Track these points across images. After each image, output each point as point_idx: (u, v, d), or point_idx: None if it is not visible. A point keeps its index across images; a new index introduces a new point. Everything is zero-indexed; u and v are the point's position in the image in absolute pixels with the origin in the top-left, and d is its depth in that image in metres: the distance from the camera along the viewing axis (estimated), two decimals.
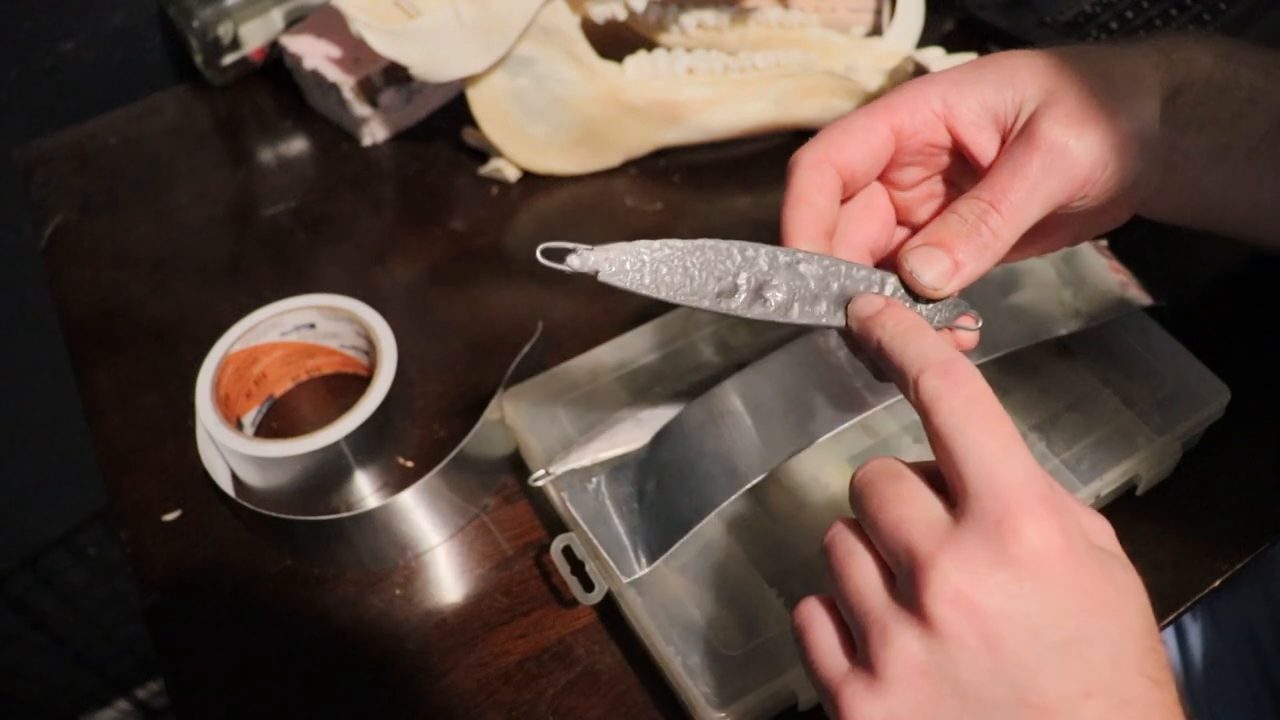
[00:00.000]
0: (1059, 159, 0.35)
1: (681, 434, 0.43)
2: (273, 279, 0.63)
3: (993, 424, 0.30)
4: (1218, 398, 0.48)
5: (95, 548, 1.04)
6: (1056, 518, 0.28)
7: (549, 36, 0.60)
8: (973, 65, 0.38)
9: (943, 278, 0.35)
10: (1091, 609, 0.28)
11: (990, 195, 0.35)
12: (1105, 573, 0.29)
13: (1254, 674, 0.56)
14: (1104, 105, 0.36)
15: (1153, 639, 0.29)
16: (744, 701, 0.40)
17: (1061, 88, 0.36)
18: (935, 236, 0.35)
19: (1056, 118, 0.35)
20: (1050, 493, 0.29)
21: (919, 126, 0.37)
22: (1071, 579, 0.28)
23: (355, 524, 0.48)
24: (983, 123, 0.37)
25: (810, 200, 0.36)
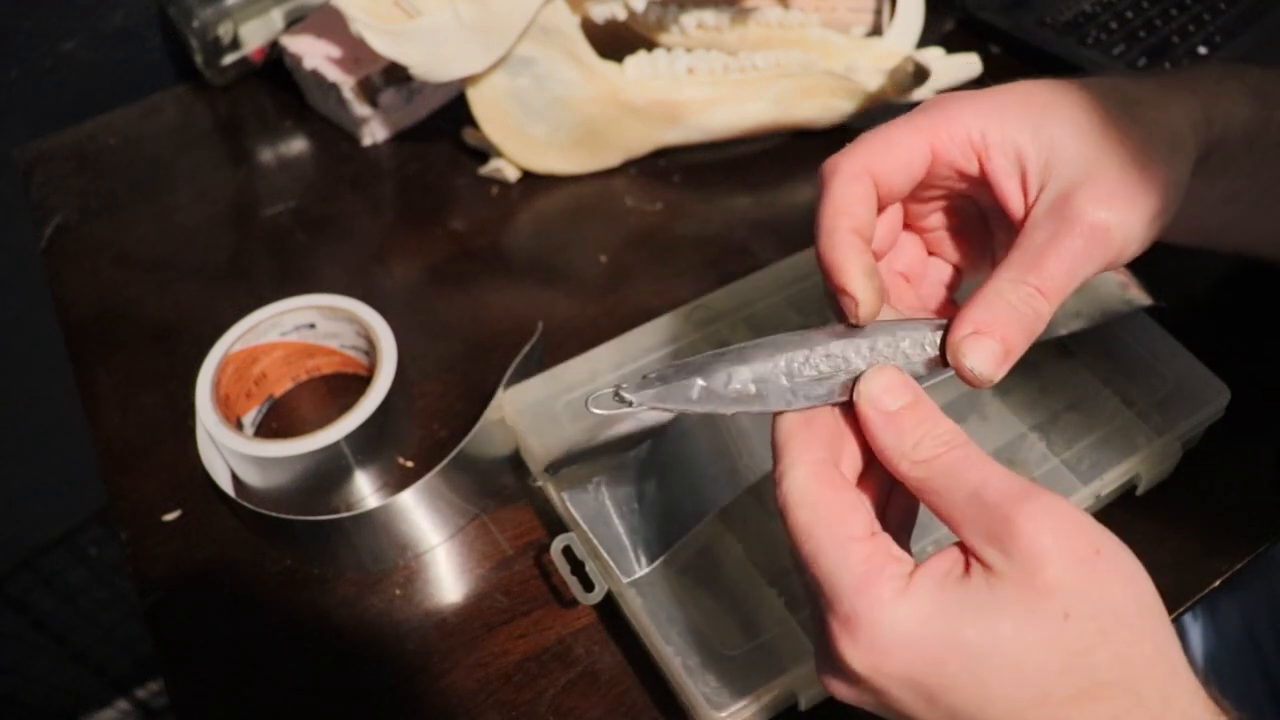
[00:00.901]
0: (1102, 240, 0.34)
1: (681, 434, 0.43)
2: (273, 279, 0.63)
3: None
4: (1218, 398, 0.48)
5: (95, 548, 1.04)
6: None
7: (549, 36, 0.60)
8: (1012, 98, 0.36)
9: (995, 366, 0.33)
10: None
11: (1036, 279, 0.34)
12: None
13: (1254, 674, 0.56)
14: (1143, 179, 0.35)
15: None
16: (744, 701, 0.40)
17: (1102, 158, 0.35)
18: (986, 323, 0.33)
19: (1097, 197, 0.34)
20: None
21: (954, 153, 0.36)
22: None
23: (355, 524, 0.48)
24: (1011, 170, 0.35)
25: (852, 212, 0.34)
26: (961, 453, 0.30)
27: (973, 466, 0.30)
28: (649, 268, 0.62)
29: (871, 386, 0.32)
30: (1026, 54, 0.73)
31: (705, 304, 0.53)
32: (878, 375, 0.32)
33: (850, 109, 0.67)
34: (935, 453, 0.30)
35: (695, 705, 0.41)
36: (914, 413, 0.32)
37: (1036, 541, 0.28)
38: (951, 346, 0.34)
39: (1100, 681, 0.28)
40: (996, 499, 0.29)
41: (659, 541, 0.42)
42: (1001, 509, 0.28)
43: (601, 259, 0.63)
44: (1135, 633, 0.28)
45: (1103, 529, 0.29)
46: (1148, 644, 0.28)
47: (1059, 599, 0.28)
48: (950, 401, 0.51)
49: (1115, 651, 0.28)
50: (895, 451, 0.31)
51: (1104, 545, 0.29)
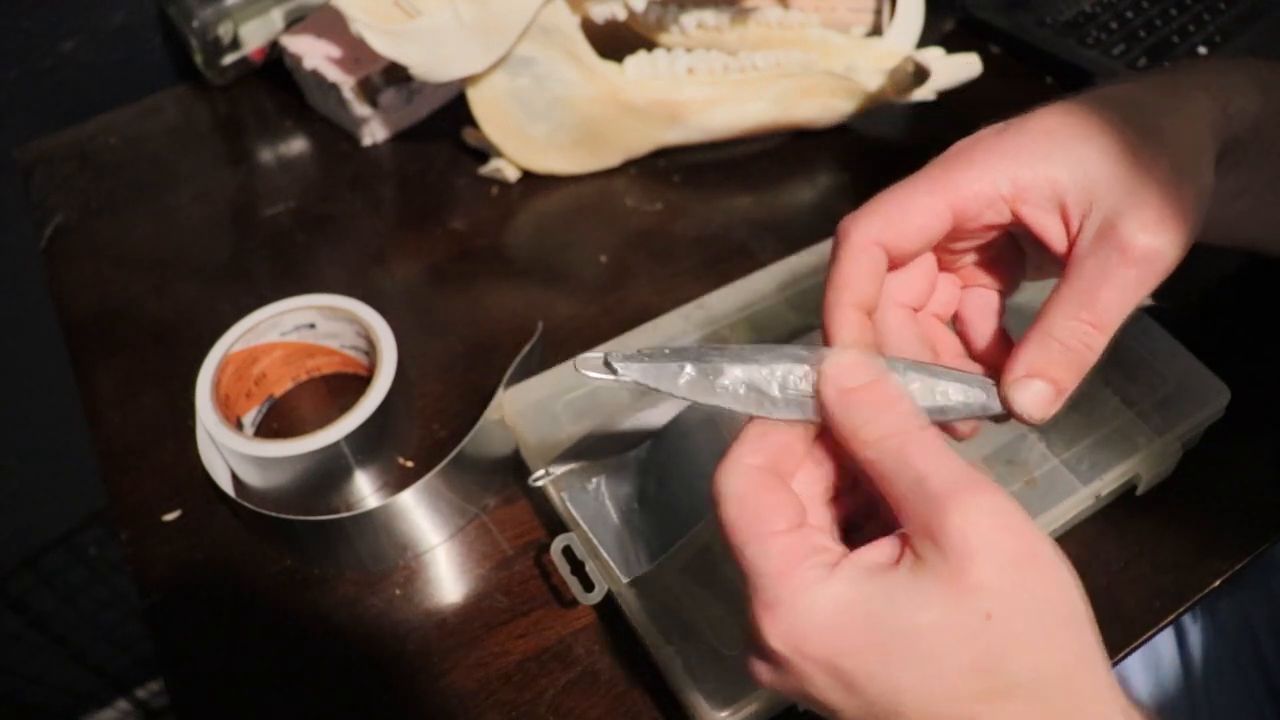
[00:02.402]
0: (1155, 265, 0.34)
1: (681, 434, 0.43)
2: (273, 279, 0.63)
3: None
4: (1218, 398, 0.48)
5: (95, 548, 1.04)
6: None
7: (549, 36, 0.60)
8: (1037, 135, 0.35)
9: (1047, 407, 0.34)
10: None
11: (1090, 315, 0.34)
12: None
13: (1254, 674, 0.56)
14: (1181, 197, 0.34)
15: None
16: (744, 701, 0.40)
17: (1138, 182, 0.34)
18: (1039, 367, 0.34)
19: (1145, 224, 0.33)
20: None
21: (983, 210, 0.35)
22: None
23: (355, 524, 0.48)
24: (1049, 207, 0.35)
25: (854, 287, 0.35)
26: (914, 437, 0.30)
27: (922, 454, 0.30)
28: (649, 268, 0.62)
29: (832, 363, 0.32)
30: (1026, 54, 0.73)
31: (705, 304, 0.53)
32: (840, 353, 0.33)
33: (850, 109, 0.67)
34: (886, 433, 0.31)
35: (695, 705, 0.41)
36: (870, 392, 0.32)
37: (967, 539, 0.28)
38: (1003, 389, 0.34)
39: (1013, 684, 0.28)
40: (937, 490, 0.29)
41: (659, 541, 0.42)
42: (939, 501, 0.29)
43: (601, 259, 0.63)
44: (1055, 641, 0.28)
45: (1041, 533, 0.29)
46: (1068, 653, 0.29)
47: (983, 599, 0.28)
48: None
49: (1032, 658, 0.28)
50: (847, 429, 0.31)
51: (1038, 550, 0.29)
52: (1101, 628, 0.45)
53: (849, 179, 0.67)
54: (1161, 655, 0.59)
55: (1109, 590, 0.47)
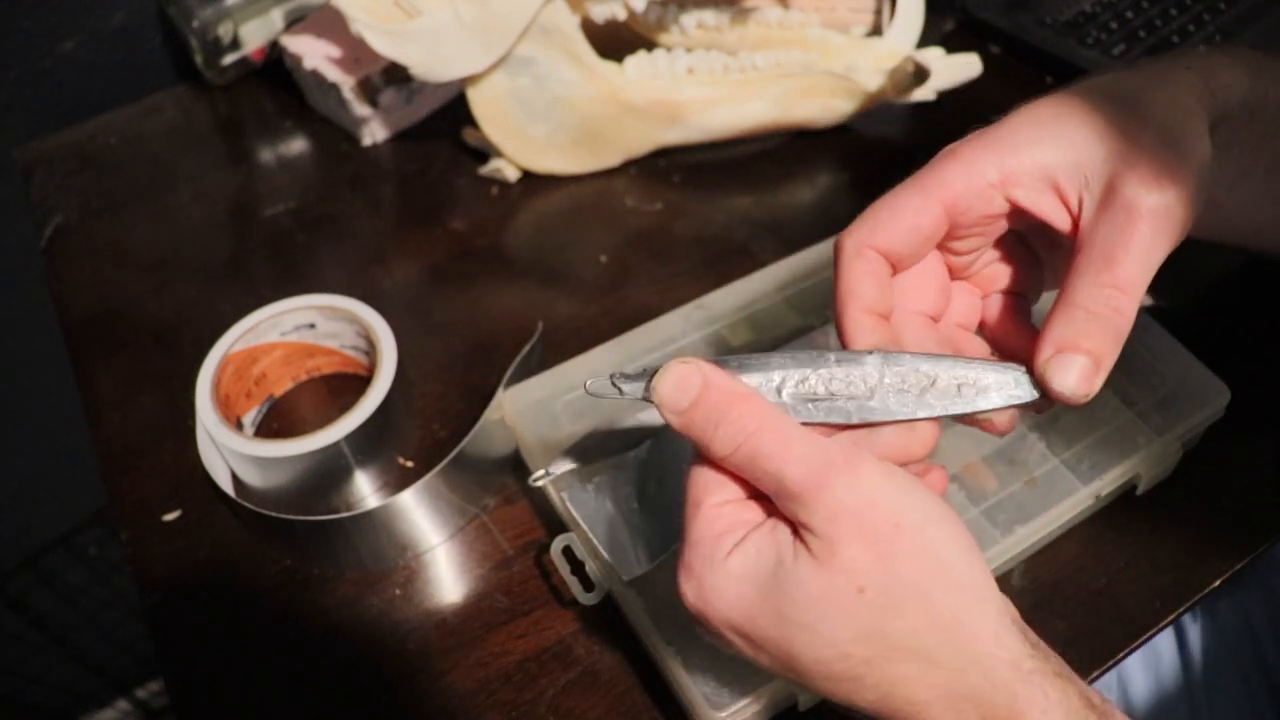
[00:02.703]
0: (1163, 221, 0.33)
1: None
2: (273, 279, 0.63)
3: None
4: (1218, 398, 0.48)
5: (95, 548, 1.04)
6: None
7: (549, 36, 0.60)
8: (1021, 125, 0.36)
9: (1087, 380, 0.33)
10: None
11: (1112, 278, 0.33)
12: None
13: (1254, 674, 0.56)
14: (1176, 156, 0.34)
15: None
16: (744, 701, 0.40)
17: (1130, 149, 0.34)
18: (1069, 340, 0.33)
19: (1145, 181, 0.33)
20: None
21: (974, 201, 0.35)
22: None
23: (355, 524, 0.48)
24: (1043, 188, 0.35)
25: (857, 292, 0.35)
26: (755, 442, 0.31)
27: (770, 455, 0.31)
28: (649, 268, 0.62)
29: (660, 389, 0.33)
30: (1026, 54, 0.73)
31: (705, 304, 0.53)
32: (663, 375, 0.33)
33: (850, 109, 0.67)
34: (729, 450, 0.32)
35: (695, 705, 0.41)
36: (701, 409, 0.32)
37: (831, 526, 0.30)
38: (1038, 370, 0.34)
39: (895, 647, 0.30)
40: (793, 490, 0.31)
41: (659, 541, 0.42)
42: (801, 497, 0.31)
43: (601, 259, 0.63)
44: (929, 603, 0.30)
45: (910, 500, 0.31)
46: (944, 612, 0.30)
47: (854, 575, 0.30)
48: None
49: (907, 622, 0.30)
50: (702, 447, 0.33)
51: (904, 519, 0.30)
52: (1101, 628, 0.45)
53: (849, 179, 0.67)
54: (1161, 655, 0.59)
55: (1109, 590, 0.47)
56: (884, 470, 0.31)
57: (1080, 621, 0.46)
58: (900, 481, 0.31)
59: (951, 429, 0.50)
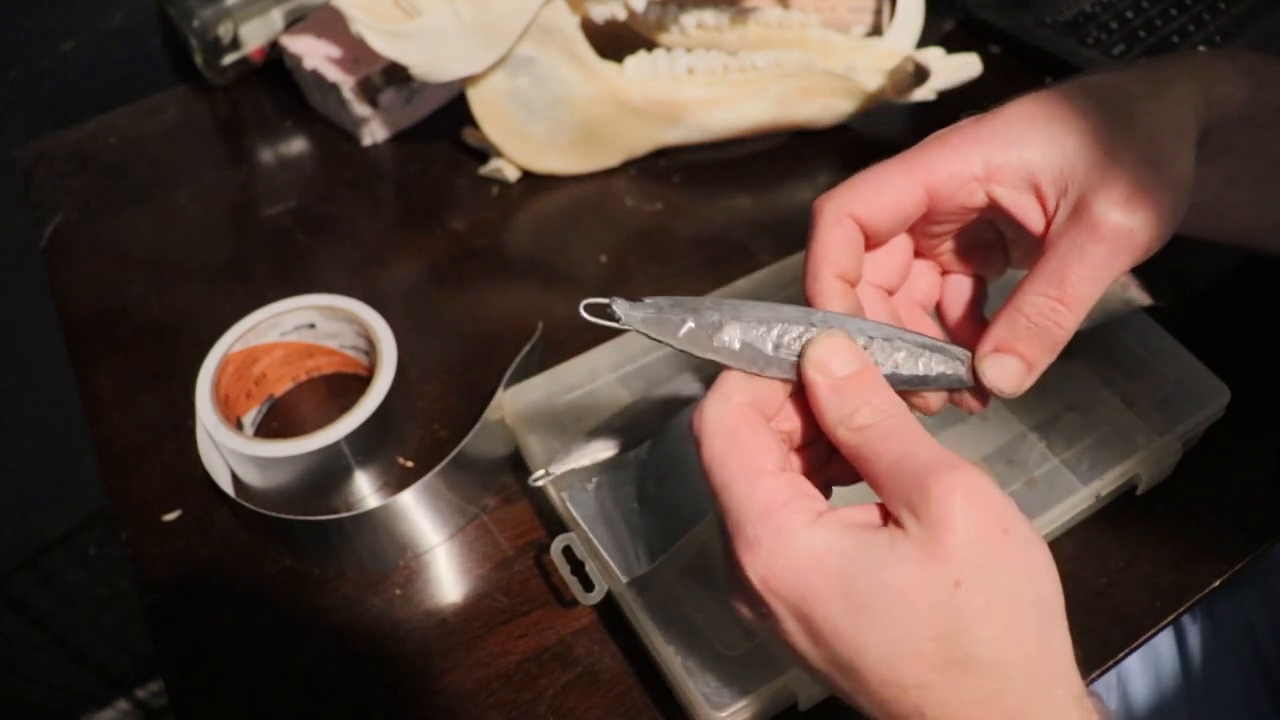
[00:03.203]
0: (1122, 244, 0.34)
1: (681, 434, 0.43)
2: (273, 279, 0.63)
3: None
4: (1218, 398, 0.48)
5: (95, 548, 1.04)
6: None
7: (549, 36, 0.60)
8: (1013, 120, 0.36)
9: (1019, 382, 0.35)
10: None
11: (1058, 292, 0.34)
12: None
13: (1253, 674, 0.56)
14: (1155, 177, 0.35)
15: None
16: (744, 702, 0.40)
17: (1112, 161, 0.34)
18: (1007, 342, 0.35)
19: (1115, 200, 0.34)
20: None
21: (955, 190, 0.36)
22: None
23: (355, 524, 0.48)
24: (1023, 186, 0.35)
25: (833, 258, 0.35)
26: (895, 423, 0.31)
27: (904, 438, 0.31)
28: (649, 268, 0.62)
29: (820, 350, 0.33)
30: (1026, 54, 0.73)
31: None
32: (827, 340, 0.33)
33: (850, 109, 0.67)
34: (871, 421, 0.31)
35: (695, 705, 0.41)
36: (858, 380, 0.32)
37: (944, 507, 0.29)
38: (975, 363, 0.35)
39: (973, 656, 0.28)
40: (916, 467, 0.30)
41: (659, 541, 0.42)
42: (919, 476, 0.29)
43: (601, 259, 0.63)
44: (1021, 620, 0.29)
45: (1021, 517, 0.30)
46: (1029, 636, 0.29)
47: (953, 566, 0.28)
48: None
49: (995, 632, 0.29)
50: (835, 417, 0.32)
51: (1015, 529, 0.29)
52: (1101, 628, 0.45)
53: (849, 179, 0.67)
54: (1161, 655, 0.59)
55: (1109, 590, 0.47)
56: (994, 483, 0.30)
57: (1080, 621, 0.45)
58: (1007, 497, 0.30)
59: (950, 429, 0.50)
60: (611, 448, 0.46)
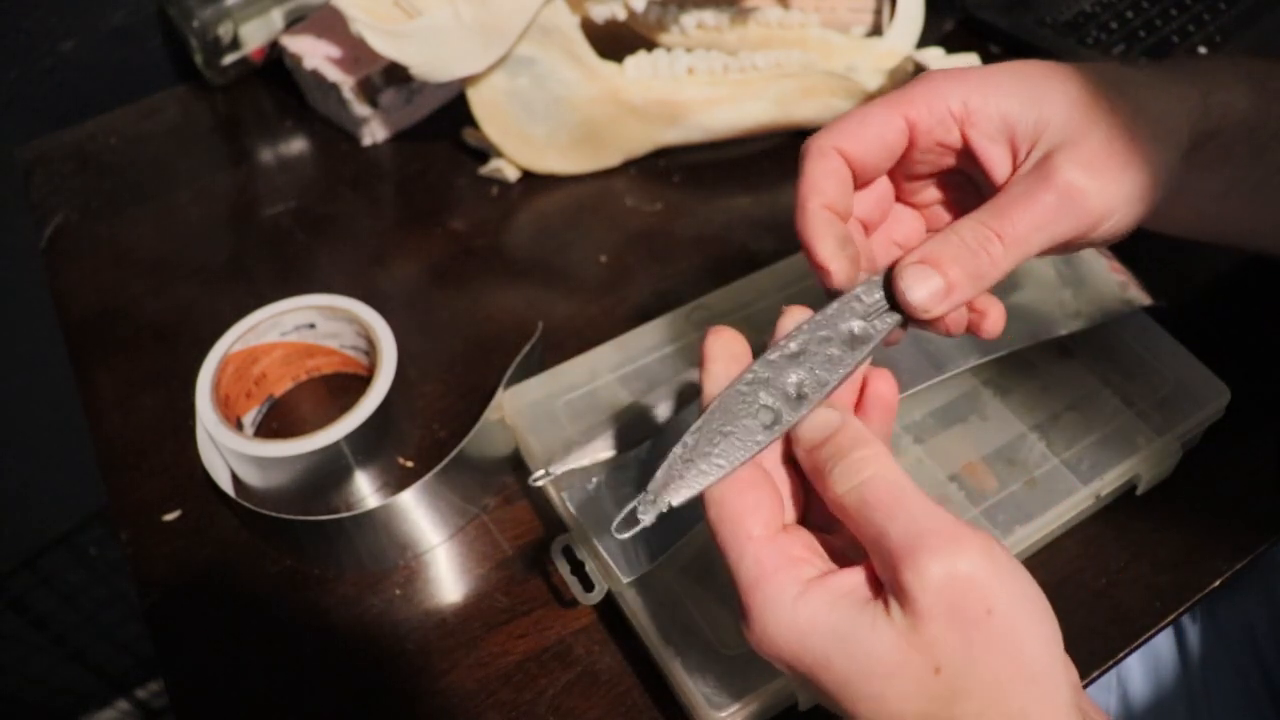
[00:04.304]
0: (1073, 202, 0.34)
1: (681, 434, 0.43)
2: (273, 279, 0.63)
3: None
4: (1218, 398, 0.48)
5: (95, 548, 1.04)
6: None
7: (549, 36, 0.60)
8: (1001, 71, 0.36)
9: (934, 300, 0.34)
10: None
11: (997, 224, 0.34)
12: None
13: (1253, 674, 0.56)
14: (1127, 151, 0.35)
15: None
16: (744, 701, 0.40)
17: (1088, 124, 0.35)
18: (933, 255, 0.34)
19: (1077, 160, 0.34)
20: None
21: (933, 125, 0.36)
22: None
23: (355, 524, 0.48)
24: (997, 136, 0.36)
25: (820, 189, 0.35)
26: (868, 489, 0.31)
27: (878, 506, 0.30)
28: (649, 268, 0.62)
29: (802, 428, 0.33)
30: (1026, 54, 0.73)
31: (705, 304, 0.53)
32: (810, 418, 0.33)
33: (850, 109, 0.67)
34: (848, 485, 0.31)
35: (695, 705, 0.41)
36: (828, 445, 0.32)
37: (921, 599, 0.29)
38: (895, 272, 0.35)
39: None
40: (893, 549, 0.29)
41: (659, 541, 0.42)
42: (895, 560, 0.29)
43: (601, 259, 0.63)
44: (1002, 696, 0.29)
45: (1006, 584, 0.29)
46: (1013, 706, 0.29)
47: (933, 654, 0.29)
48: (950, 401, 0.51)
49: (974, 708, 0.29)
50: (819, 485, 0.32)
51: (998, 606, 0.29)
52: (1101, 628, 0.45)
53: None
54: (1161, 655, 0.59)
55: (1109, 590, 0.47)
56: (984, 548, 0.29)
57: (1080, 621, 0.46)
58: (997, 560, 0.30)
59: (950, 429, 0.50)
60: (611, 448, 0.46)
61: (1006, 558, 0.30)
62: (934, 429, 0.50)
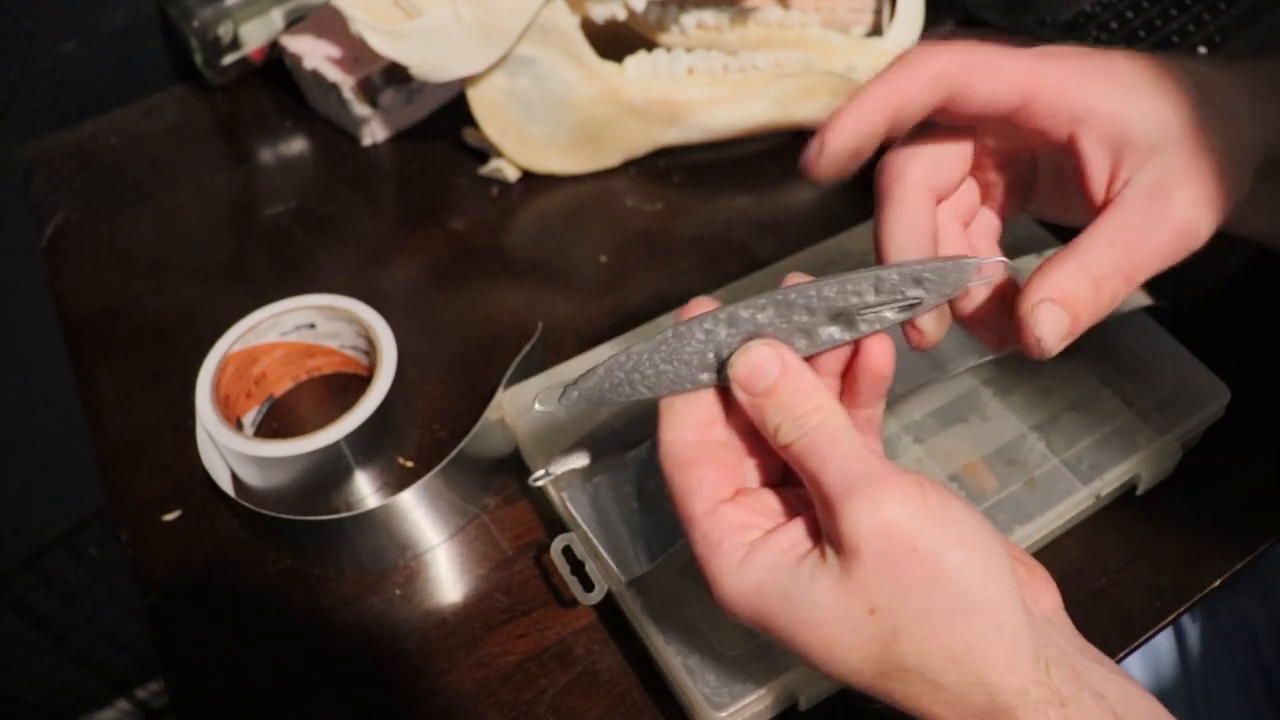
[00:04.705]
0: (1190, 239, 0.34)
1: None
2: (273, 279, 0.63)
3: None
4: (1218, 398, 0.48)
5: (95, 548, 1.04)
6: None
7: (549, 36, 0.60)
8: (1119, 68, 0.35)
9: (1061, 340, 0.33)
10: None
11: (1128, 263, 0.33)
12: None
13: (1253, 674, 0.56)
14: (1223, 184, 0.34)
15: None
16: (744, 702, 0.40)
17: (1198, 153, 0.34)
18: (1069, 296, 0.33)
19: (1196, 200, 0.34)
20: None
21: (1046, 123, 0.35)
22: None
23: (355, 524, 0.48)
24: (1108, 144, 0.34)
25: (901, 243, 0.35)
26: (810, 439, 0.32)
27: (816, 455, 0.31)
28: (649, 268, 0.62)
29: (738, 369, 0.33)
30: None
31: None
32: (743, 355, 0.33)
33: None
34: (791, 438, 0.32)
35: (695, 705, 0.41)
36: (774, 396, 0.33)
37: (850, 540, 0.30)
38: (1025, 309, 0.33)
39: (901, 667, 0.31)
40: (827, 493, 0.31)
41: (659, 541, 0.42)
42: (830, 504, 0.31)
43: (601, 259, 0.63)
44: (936, 629, 0.30)
45: (931, 523, 0.30)
46: (955, 639, 0.30)
47: (866, 595, 0.30)
48: (950, 401, 0.51)
49: (912, 646, 0.30)
50: (764, 433, 0.33)
51: (921, 543, 0.30)
52: (1101, 628, 0.45)
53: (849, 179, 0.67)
54: (1161, 655, 0.59)
55: (1109, 590, 0.47)
56: (912, 489, 0.30)
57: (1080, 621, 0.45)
58: (927, 500, 0.30)
59: (950, 429, 0.50)
60: (611, 448, 0.46)
61: (938, 498, 0.31)
62: (934, 429, 0.50)
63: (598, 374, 0.34)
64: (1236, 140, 0.35)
